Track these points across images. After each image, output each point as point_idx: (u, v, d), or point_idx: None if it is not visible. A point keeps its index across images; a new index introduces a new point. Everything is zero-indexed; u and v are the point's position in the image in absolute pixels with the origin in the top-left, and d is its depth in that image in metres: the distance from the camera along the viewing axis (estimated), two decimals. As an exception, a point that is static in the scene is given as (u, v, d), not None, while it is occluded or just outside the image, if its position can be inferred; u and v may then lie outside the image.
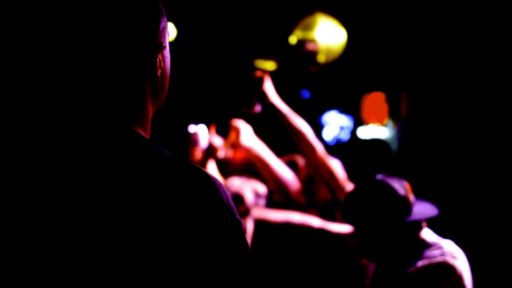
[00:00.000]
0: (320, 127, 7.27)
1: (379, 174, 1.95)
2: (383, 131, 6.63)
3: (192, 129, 2.56)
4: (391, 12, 5.33)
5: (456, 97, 5.03)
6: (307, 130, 2.50)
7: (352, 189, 1.95)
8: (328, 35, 3.72)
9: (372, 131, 6.71)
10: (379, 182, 1.88)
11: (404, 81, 5.87)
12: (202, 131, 2.57)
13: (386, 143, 6.56)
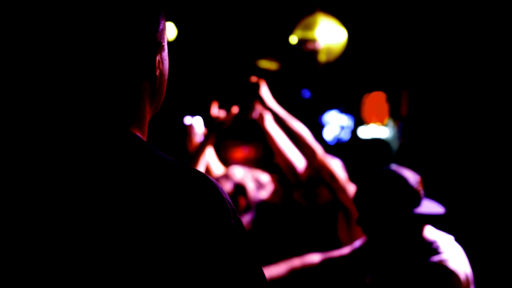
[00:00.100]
0: (321, 126, 7.27)
1: (393, 164, 1.98)
2: (384, 131, 6.62)
3: (188, 120, 2.54)
4: (392, 12, 5.33)
5: (456, 96, 5.02)
6: (306, 133, 2.48)
7: (367, 174, 1.97)
8: (328, 34, 3.72)
9: (373, 130, 6.70)
10: (393, 170, 1.91)
11: (405, 80, 5.86)
12: (198, 122, 2.54)
13: (386, 142, 6.55)
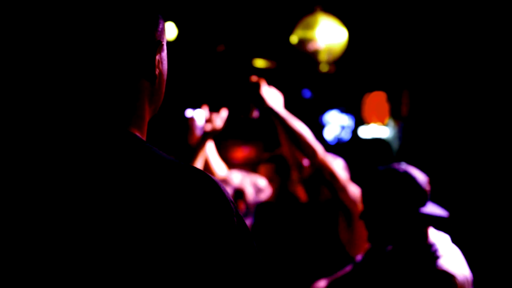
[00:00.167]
0: (321, 126, 7.27)
1: (403, 163, 1.99)
2: (384, 131, 6.62)
3: (189, 113, 2.52)
4: (392, 12, 5.32)
5: (457, 96, 5.02)
6: (307, 132, 2.47)
7: (377, 171, 1.97)
8: (329, 34, 3.72)
9: (373, 130, 6.70)
10: (403, 168, 1.92)
11: (405, 80, 5.86)
12: (199, 115, 2.53)
13: (387, 142, 6.55)
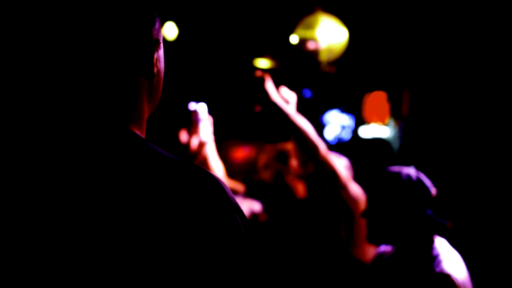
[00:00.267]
0: (322, 126, 7.27)
1: (412, 166, 2.00)
2: (385, 130, 6.62)
3: (192, 106, 2.51)
4: (393, 11, 5.32)
5: (458, 96, 5.02)
6: (309, 129, 2.48)
7: (387, 171, 1.98)
8: (329, 34, 3.71)
9: (374, 130, 6.70)
10: (412, 172, 1.94)
11: (406, 80, 5.86)
12: (203, 109, 2.51)
13: (387, 142, 6.55)
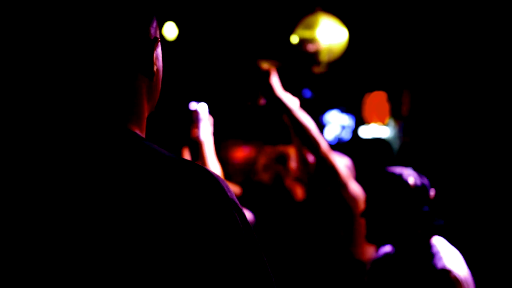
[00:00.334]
0: (322, 126, 7.26)
1: (410, 168, 2.03)
2: (385, 131, 6.62)
3: (193, 106, 2.51)
4: (393, 11, 5.32)
5: (457, 96, 5.02)
6: (312, 125, 2.50)
7: (385, 171, 2.00)
8: (329, 34, 3.72)
9: (374, 130, 6.70)
10: (410, 172, 1.98)
11: (406, 80, 5.86)
12: (203, 108, 2.51)
13: (387, 142, 6.55)
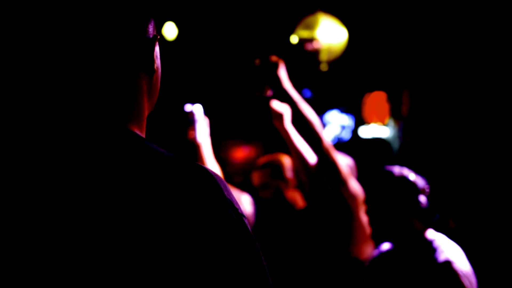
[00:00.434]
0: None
1: (405, 167, 2.14)
2: (385, 131, 6.63)
3: (188, 108, 2.52)
4: (392, 12, 5.33)
5: (457, 96, 5.03)
6: (315, 120, 2.53)
7: (382, 170, 2.11)
8: (329, 34, 3.73)
9: (374, 130, 6.71)
10: (404, 171, 2.10)
11: (405, 80, 5.87)
12: (198, 110, 2.52)
13: (387, 142, 6.56)
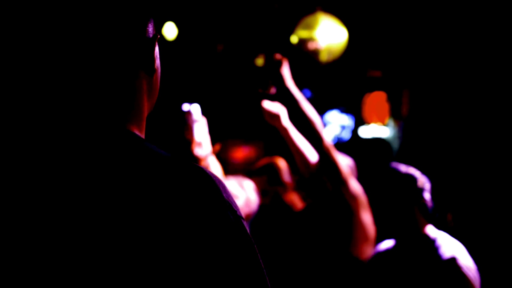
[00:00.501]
0: (321, 126, 7.26)
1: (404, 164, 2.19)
2: (384, 131, 6.63)
3: (185, 107, 2.52)
4: (392, 11, 5.33)
5: (457, 96, 5.03)
6: (317, 119, 2.55)
7: (382, 169, 2.17)
8: (329, 34, 3.73)
9: (373, 130, 6.71)
10: (404, 168, 2.16)
11: (405, 80, 5.87)
12: (196, 109, 2.52)
13: (387, 142, 6.55)
